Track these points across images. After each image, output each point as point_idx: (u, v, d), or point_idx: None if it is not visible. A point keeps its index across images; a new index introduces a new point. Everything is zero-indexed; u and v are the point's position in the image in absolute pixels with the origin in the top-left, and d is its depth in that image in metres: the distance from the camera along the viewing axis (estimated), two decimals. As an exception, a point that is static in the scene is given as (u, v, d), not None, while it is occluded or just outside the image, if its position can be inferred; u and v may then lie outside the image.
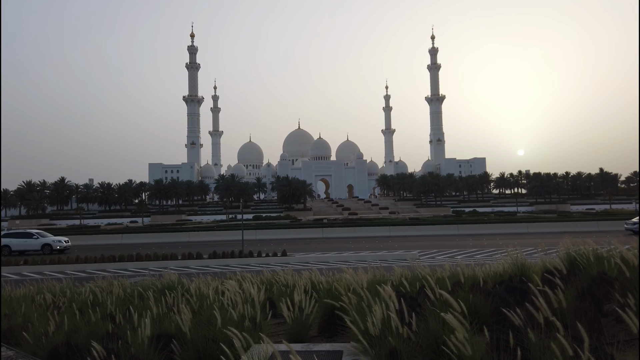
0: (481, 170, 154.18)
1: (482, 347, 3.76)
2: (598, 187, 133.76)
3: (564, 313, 4.91)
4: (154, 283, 11.80)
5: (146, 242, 47.71)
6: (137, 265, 27.72)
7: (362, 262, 25.88)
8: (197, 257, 28.91)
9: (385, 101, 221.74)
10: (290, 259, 28.39)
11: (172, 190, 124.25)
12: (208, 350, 5.00)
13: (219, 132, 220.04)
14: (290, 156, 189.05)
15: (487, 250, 29.94)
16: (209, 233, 54.04)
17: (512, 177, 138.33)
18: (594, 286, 5.74)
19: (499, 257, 9.96)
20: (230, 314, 6.12)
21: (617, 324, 5.08)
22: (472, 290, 6.15)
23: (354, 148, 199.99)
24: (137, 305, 8.32)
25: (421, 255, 28.97)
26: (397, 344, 4.12)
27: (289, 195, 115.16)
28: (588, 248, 7.94)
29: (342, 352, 5.02)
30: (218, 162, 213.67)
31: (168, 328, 6.17)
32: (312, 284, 9.39)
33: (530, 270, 8.27)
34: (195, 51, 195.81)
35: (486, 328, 4.23)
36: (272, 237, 49.72)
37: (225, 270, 21.83)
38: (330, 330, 6.43)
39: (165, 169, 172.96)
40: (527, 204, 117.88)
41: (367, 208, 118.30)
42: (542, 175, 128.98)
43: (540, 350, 3.48)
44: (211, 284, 11.21)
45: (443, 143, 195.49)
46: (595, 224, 50.05)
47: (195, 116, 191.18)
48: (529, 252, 17.33)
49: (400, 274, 9.06)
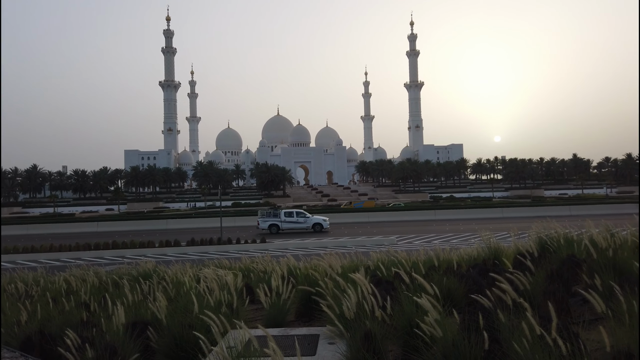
0: (458, 157, 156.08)
1: (454, 329, 3.85)
2: (571, 172, 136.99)
3: (535, 294, 5.06)
4: (130, 271, 11.69)
5: (123, 230, 47.05)
6: (113, 253, 27.37)
7: (341, 247, 26.09)
8: (174, 244, 28.69)
9: (365, 87, 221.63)
10: (269, 246, 28.42)
11: (149, 177, 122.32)
12: (185, 336, 4.99)
13: (197, 118, 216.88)
14: (269, 143, 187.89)
15: (463, 235, 30.50)
16: (187, 220, 53.59)
17: (489, 163, 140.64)
18: (563, 268, 5.92)
19: (474, 242, 10.17)
20: (207, 300, 6.11)
21: (584, 304, 5.25)
22: (446, 274, 6.27)
23: (333, 134, 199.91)
24: (112, 293, 8.23)
25: (399, 240, 29.33)
26: (372, 326, 4.19)
27: (268, 182, 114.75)
28: (559, 232, 8.16)
29: (318, 335, 5.08)
30: (196, 148, 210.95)
31: (144, 315, 6.14)
32: (290, 270, 9.43)
33: (503, 253, 8.47)
34: (171, 35, 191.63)
35: (458, 310, 4.33)
36: (251, 224, 49.59)
37: (204, 258, 21.74)
38: (307, 315, 6.49)
39: (142, 156, 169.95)
40: (502, 190, 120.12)
41: (346, 194, 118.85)
42: (517, 161, 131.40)
43: (509, 331, 3.58)
44: (189, 271, 11.16)
45: (422, 129, 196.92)
46: (567, 209, 51.45)
47: (172, 102, 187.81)
48: (503, 237, 17.72)
49: (377, 259, 9.16)
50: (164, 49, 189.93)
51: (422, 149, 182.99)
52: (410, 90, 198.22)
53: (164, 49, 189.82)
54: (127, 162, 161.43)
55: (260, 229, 38.68)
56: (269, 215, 39.36)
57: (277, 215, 39.21)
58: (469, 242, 21.97)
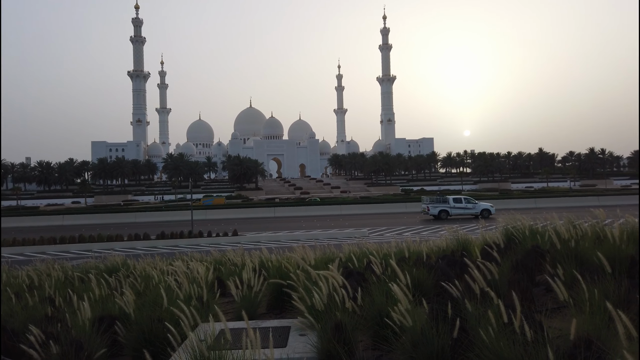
0: (429, 150, 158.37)
1: (423, 318, 3.92)
2: (537, 166, 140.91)
3: (501, 284, 5.20)
4: (98, 265, 11.43)
5: (90, 224, 45.90)
6: (80, 247, 26.70)
7: (313, 240, 26.17)
8: (144, 238, 28.18)
9: (338, 81, 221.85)
10: (241, 239, 28.25)
11: (118, 170, 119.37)
12: (153, 330, 4.91)
13: (167, 110, 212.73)
14: (241, 135, 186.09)
15: (433, 227, 31.04)
16: (157, 213, 52.70)
17: (458, 157, 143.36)
18: (528, 258, 6.10)
19: (444, 233, 10.37)
20: (177, 294, 6.04)
21: (547, 293, 5.43)
22: (416, 265, 6.37)
23: (306, 127, 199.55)
24: (78, 287, 8.02)
25: (371, 232, 29.62)
26: (343, 317, 4.22)
27: (241, 175, 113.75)
28: (525, 223, 8.40)
29: (289, 327, 5.09)
30: (166, 140, 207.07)
31: (112, 310, 6.01)
32: (262, 262, 9.40)
33: (471, 244, 8.66)
34: (140, 24, 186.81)
35: (427, 300, 4.41)
36: (223, 217, 49.17)
37: (174, 251, 21.43)
38: (279, 307, 6.49)
39: (110, 148, 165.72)
40: (471, 183, 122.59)
41: (319, 187, 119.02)
42: (486, 155, 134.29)
43: (476, 319, 3.67)
44: (159, 264, 10.99)
45: (393, 123, 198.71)
46: (533, 201, 53.01)
47: (141, 92, 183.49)
48: (471, 228, 18.12)
49: (349, 251, 9.23)
50: (132, 38, 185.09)
51: (394, 143, 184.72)
52: (382, 84, 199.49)
53: (133, 38, 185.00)
54: (94, 153, 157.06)
55: (430, 214, 39.00)
56: (438, 202, 39.79)
57: (446, 201, 39.54)
58: (439, 234, 22.38)
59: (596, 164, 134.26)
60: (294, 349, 4.36)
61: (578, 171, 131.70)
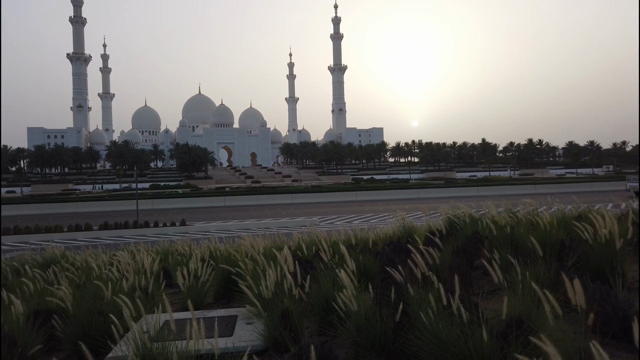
0: (379, 140, 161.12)
1: (368, 303, 4.02)
2: (480, 156, 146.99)
3: (442, 269, 5.41)
4: (35, 257, 10.87)
5: (26, 214, 43.42)
6: (15, 239, 25.24)
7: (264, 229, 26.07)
8: (86, 228, 27.03)
9: (289, 69, 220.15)
10: (190, 229, 27.72)
11: (57, 158, 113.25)
12: (94, 323, 4.75)
13: (110, 95, 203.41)
14: (190, 122, 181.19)
15: (381, 215, 31.75)
16: (100, 203, 50.63)
17: (407, 147, 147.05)
18: (468, 244, 6.38)
19: (391, 221, 10.65)
20: (119, 286, 5.85)
21: (485, 277, 5.72)
22: (363, 252, 6.50)
23: (257, 115, 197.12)
24: (12, 281, 7.60)
25: (321, 221, 29.91)
26: (290, 305, 4.25)
27: (190, 164, 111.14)
28: (466, 211, 8.77)
29: (237, 316, 5.07)
30: (110, 127, 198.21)
31: (49, 304, 5.75)
32: (210, 252, 9.28)
33: (416, 232, 8.95)
34: (81, 4, 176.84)
35: (373, 285, 4.52)
36: (171, 207, 47.98)
37: (119, 242, 20.74)
38: (227, 296, 6.45)
39: (48, 134, 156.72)
40: (419, 172, 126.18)
41: (270, 176, 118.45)
42: (432, 145, 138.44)
43: (418, 303, 3.81)
44: (101, 256, 10.60)
45: (345, 113, 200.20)
46: (475, 190, 55.31)
47: (81, 76, 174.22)
48: (417, 216, 18.67)
49: (299, 239, 9.29)
50: (72, 18, 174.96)
51: (345, 132, 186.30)
52: (334, 73, 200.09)
53: (72, 19, 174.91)
54: (30, 140, 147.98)
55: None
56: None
57: None
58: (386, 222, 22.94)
59: (534, 154, 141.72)
60: (240, 338, 4.36)
61: (517, 161, 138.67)
